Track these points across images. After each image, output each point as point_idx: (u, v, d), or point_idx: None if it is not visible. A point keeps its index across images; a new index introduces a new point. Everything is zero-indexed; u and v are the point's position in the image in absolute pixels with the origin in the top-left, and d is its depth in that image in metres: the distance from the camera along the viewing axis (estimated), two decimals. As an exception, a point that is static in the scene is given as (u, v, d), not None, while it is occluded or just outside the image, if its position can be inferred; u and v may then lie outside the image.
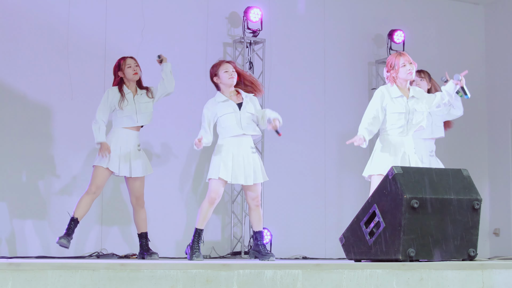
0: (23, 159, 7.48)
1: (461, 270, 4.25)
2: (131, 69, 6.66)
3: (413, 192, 4.81)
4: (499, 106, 9.87)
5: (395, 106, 5.75)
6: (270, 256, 6.16)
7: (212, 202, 6.17)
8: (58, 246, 6.50)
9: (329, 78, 9.09)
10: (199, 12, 8.47)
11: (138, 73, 6.70)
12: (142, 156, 6.65)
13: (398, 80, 5.83)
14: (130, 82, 6.69)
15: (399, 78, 5.81)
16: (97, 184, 6.52)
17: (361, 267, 4.06)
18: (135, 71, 6.67)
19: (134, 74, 6.66)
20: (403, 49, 9.34)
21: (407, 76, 5.80)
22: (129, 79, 6.68)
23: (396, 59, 5.81)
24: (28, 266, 3.48)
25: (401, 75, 5.80)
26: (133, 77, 6.67)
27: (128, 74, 6.66)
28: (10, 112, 7.49)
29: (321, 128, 8.99)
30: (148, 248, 6.76)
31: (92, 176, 6.56)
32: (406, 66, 5.79)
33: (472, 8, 10.09)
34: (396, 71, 5.80)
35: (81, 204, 6.51)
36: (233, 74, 6.28)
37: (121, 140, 6.56)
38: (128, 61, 6.70)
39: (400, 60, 5.80)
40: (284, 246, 8.42)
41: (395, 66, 5.80)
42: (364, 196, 7.77)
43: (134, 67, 6.68)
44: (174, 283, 3.65)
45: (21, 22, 7.59)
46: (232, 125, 6.16)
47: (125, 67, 6.66)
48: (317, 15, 9.14)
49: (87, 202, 6.51)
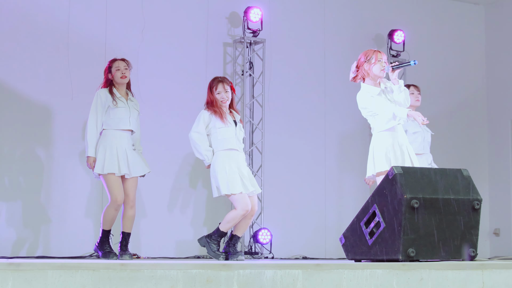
0: (23, 159, 7.48)
1: (461, 270, 4.25)
2: (119, 72, 6.52)
3: (413, 192, 4.81)
4: (499, 106, 9.87)
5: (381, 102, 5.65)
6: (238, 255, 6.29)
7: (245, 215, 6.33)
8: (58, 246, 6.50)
9: (329, 78, 9.09)
10: (199, 12, 8.47)
11: (126, 76, 6.55)
12: (138, 156, 6.56)
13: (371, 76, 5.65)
14: (119, 85, 6.57)
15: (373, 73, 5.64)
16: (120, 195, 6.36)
17: (361, 267, 4.06)
18: (123, 74, 6.52)
19: (121, 77, 6.51)
20: (403, 49, 9.35)
21: (381, 73, 5.62)
22: (117, 82, 6.55)
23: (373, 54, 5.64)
24: (28, 266, 3.48)
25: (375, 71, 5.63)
26: (120, 80, 6.52)
27: (116, 77, 6.52)
28: (10, 112, 7.49)
29: (321, 128, 8.99)
30: (126, 248, 6.54)
31: (109, 188, 6.37)
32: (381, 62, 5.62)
33: (472, 8, 10.09)
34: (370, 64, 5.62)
35: (108, 216, 6.40)
36: (225, 99, 6.39)
37: (115, 141, 6.41)
38: (117, 63, 6.56)
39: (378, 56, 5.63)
40: (284, 246, 8.42)
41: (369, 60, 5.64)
42: (364, 196, 7.78)
43: (123, 70, 6.53)
44: (174, 283, 3.64)
45: (21, 22, 7.59)
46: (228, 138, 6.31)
47: (114, 69, 6.54)
48: (317, 15, 9.14)
49: (113, 214, 6.40)
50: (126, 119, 6.47)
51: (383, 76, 5.69)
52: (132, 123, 6.51)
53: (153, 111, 7.86)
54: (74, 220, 7.58)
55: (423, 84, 7.47)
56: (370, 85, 5.69)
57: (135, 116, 6.55)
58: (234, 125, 6.38)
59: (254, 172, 8.42)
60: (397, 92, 5.67)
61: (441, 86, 9.70)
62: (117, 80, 6.53)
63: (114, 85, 6.54)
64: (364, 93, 5.67)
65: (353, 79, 5.79)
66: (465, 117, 9.87)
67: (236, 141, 6.37)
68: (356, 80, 5.77)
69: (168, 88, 8.12)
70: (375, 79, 5.69)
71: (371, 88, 5.66)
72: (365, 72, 5.68)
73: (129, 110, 6.51)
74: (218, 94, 6.37)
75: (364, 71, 5.68)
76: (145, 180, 7.03)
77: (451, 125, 9.65)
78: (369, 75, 5.67)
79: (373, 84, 5.69)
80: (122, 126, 6.46)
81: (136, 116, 6.56)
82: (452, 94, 9.81)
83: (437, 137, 7.69)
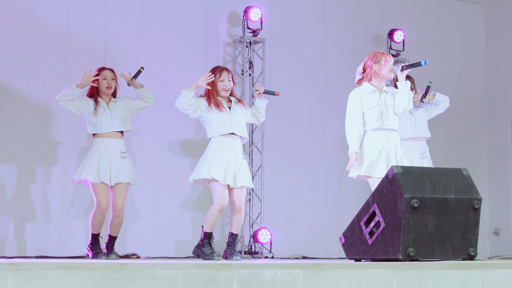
0: (23, 159, 7.48)
1: (461, 270, 4.25)
2: (105, 81, 6.55)
3: (413, 191, 4.81)
4: (499, 106, 9.87)
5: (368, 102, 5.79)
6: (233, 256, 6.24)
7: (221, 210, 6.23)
8: (58, 246, 6.51)
9: (329, 78, 9.09)
10: (199, 12, 8.47)
11: (111, 87, 6.56)
12: (125, 164, 6.53)
13: (378, 77, 5.82)
14: (104, 95, 6.58)
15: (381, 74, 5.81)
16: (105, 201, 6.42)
17: (361, 267, 4.06)
18: (109, 84, 6.55)
19: (107, 87, 6.55)
20: (403, 49, 9.35)
21: (389, 75, 5.81)
22: (102, 92, 6.57)
23: (382, 56, 5.82)
24: (28, 266, 3.48)
25: (383, 73, 5.80)
26: (105, 90, 6.55)
27: (102, 86, 6.55)
28: (10, 112, 7.50)
29: (321, 128, 8.99)
30: (112, 248, 6.63)
31: (95, 195, 6.45)
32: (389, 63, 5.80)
33: (472, 8, 10.09)
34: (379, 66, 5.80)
35: (95, 221, 6.47)
36: (228, 88, 6.32)
37: (100, 149, 6.44)
38: (104, 72, 6.58)
39: (387, 59, 5.81)
40: (284, 246, 8.42)
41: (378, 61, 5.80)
42: (364, 196, 7.77)
43: (110, 79, 6.56)
44: (174, 283, 3.64)
45: (21, 22, 7.59)
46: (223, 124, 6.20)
47: (101, 78, 6.55)
48: (317, 15, 9.14)
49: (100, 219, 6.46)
50: (108, 121, 6.48)
51: (391, 77, 5.84)
52: (115, 124, 6.51)
53: (153, 110, 7.86)
54: (74, 220, 7.58)
55: (423, 84, 7.47)
56: (369, 84, 5.82)
57: (119, 115, 6.54)
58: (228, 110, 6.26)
59: (254, 172, 8.42)
60: (402, 89, 5.78)
61: (441, 86, 9.68)
62: (102, 89, 6.56)
63: (99, 93, 6.57)
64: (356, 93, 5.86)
65: (359, 81, 5.95)
66: (465, 117, 9.87)
67: (232, 125, 6.22)
68: (361, 82, 5.90)
69: (168, 88, 8.11)
70: (383, 80, 5.84)
71: (366, 87, 5.82)
72: (374, 73, 5.83)
73: (110, 112, 6.51)
74: (221, 82, 6.34)
75: (373, 72, 5.83)
76: (145, 180, 7.03)
77: (451, 125, 9.64)
78: (378, 76, 5.82)
79: (377, 84, 5.83)
80: (104, 129, 6.48)
81: (120, 115, 6.54)
82: (452, 94, 9.77)
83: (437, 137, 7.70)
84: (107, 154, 6.44)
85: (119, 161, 6.48)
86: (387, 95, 5.86)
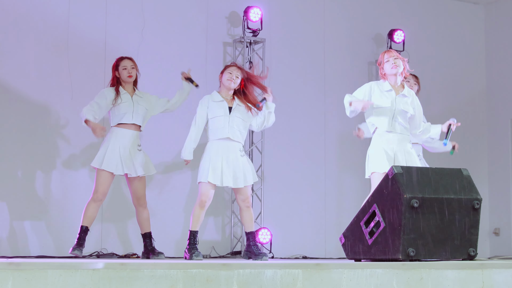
0: (23, 159, 7.48)
1: (461, 270, 4.25)
2: (126, 71, 6.64)
3: (413, 192, 4.81)
4: (499, 106, 9.87)
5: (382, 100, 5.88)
6: (263, 256, 6.22)
7: (202, 206, 6.24)
8: (58, 246, 6.50)
9: (329, 77, 9.09)
10: (199, 12, 8.47)
11: (132, 75, 6.66)
12: (143, 156, 6.63)
13: (387, 77, 5.98)
14: (126, 84, 6.68)
15: (387, 74, 5.96)
16: (103, 191, 6.47)
17: (361, 267, 4.06)
18: (130, 74, 6.64)
19: (128, 76, 6.64)
20: (403, 49, 9.34)
21: (392, 71, 5.92)
22: (124, 81, 6.67)
23: (381, 56, 5.99)
24: (28, 266, 3.48)
25: (387, 71, 5.94)
26: (127, 79, 6.65)
27: (123, 76, 6.65)
28: (10, 112, 7.49)
29: (321, 128, 8.98)
30: (153, 248, 6.72)
31: (96, 182, 6.49)
32: (389, 61, 5.92)
33: (472, 8, 10.09)
34: (382, 67, 5.98)
35: (88, 212, 6.47)
36: (233, 78, 6.31)
37: (120, 139, 6.51)
38: (124, 62, 6.68)
39: (385, 57, 5.97)
40: (284, 246, 8.42)
41: (381, 63, 5.99)
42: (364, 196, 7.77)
43: (130, 69, 6.66)
44: (174, 283, 3.64)
45: (21, 22, 7.59)
46: (220, 128, 6.25)
47: (121, 68, 6.66)
48: (317, 15, 9.14)
49: (94, 209, 6.48)
50: (129, 114, 6.55)
51: (394, 72, 5.94)
52: (136, 117, 6.57)
53: (153, 111, 7.87)
54: (74, 220, 7.57)
55: (423, 84, 7.46)
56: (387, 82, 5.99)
57: (140, 111, 6.61)
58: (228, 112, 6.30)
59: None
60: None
61: (440, 86, 9.70)
62: (124, 79, 6.65)
63: (121, 83, 6.66)
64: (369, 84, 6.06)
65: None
66: (465, 117, 9.85)
67: (229, 130, 6.26)
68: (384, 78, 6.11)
69: (168, 88, 8.10)
70: (394, 78, 5.96)
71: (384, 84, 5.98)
72: (383, 75, 6.02)
73: (132, 104, 6.58)
74: (228, 74, 6.36)
75: (383, 74, 6.02)
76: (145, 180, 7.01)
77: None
78: (387, 75, 5.99)
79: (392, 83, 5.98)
80: (125, 120, 6.54)
81: (142, 111, 6.62)
82: (452, 94, 9.81)
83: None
84: (126, 145, 6.51)
85: (138, 153, 6.55)
86: (405, 100, 5.94)
